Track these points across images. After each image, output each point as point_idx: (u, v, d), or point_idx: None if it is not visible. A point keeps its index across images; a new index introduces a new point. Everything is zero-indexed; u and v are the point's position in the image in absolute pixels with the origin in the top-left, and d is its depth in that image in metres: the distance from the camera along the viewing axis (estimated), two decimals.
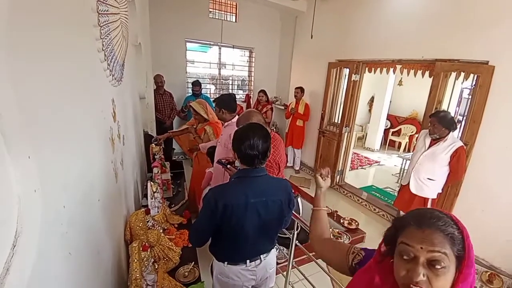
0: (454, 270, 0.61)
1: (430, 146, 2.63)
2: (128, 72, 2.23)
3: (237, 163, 1.33)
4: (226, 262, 1.32)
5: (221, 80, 5.80)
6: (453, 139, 2.51)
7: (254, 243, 1.30)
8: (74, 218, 0.96)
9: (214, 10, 4.98)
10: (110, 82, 1.59)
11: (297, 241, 2.08)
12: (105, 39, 1.42)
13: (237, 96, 5.43)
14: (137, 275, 1.38)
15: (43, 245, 0.67)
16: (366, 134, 7.05)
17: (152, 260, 1.63)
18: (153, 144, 3.05)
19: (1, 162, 0.49)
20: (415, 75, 3.36)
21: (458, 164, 2.49)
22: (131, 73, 2.46)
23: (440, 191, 2.68)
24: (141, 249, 1.52)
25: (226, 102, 2.30)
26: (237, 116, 2.35)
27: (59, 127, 0.86)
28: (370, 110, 7.21)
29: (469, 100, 2.86)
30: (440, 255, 0.59)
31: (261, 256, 1.39)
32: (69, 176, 0.93)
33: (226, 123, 2.34)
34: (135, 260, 1.43)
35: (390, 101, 6.68)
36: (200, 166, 3.14)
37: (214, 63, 5.49)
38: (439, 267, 0.59)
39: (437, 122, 2.50)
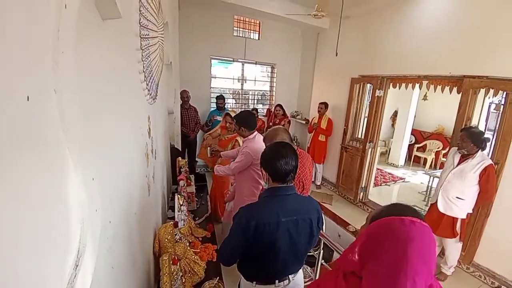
0: None
1: (459, 163, 2.54)
2: (161, 90, 2.36)
3: (265, 184, 1.34)
4: (255, 282, 1.33)
5: (243, 94, 5.93)
6: (482, 157, 2.42)
7: (284, 263, 1.29)
8: (117, 232, 1.01)
9: (238, 29, 5.17)
10: (147, 101, 1.70)
11: (322, 261, 2.05)
12: (145, 61, 1.53)
13: (258, 110, 5.53)
14: None
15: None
16: (390, 149, 6.85)
17: (181, 274, 1.66)
18: (179, 158, 3.15)
19: (69, 185, 0.53)
20: (442, 91, 3.28)
21: (488, 183, 2.39)
22: (163, 90, 2.59)
23: (470, 211, 2.55)
24: (171, 262, 1.55)
25: (246, 120, 2.35)
26: (255, 132, 2.42)
27: (111, 147, 0.94)
28: (393, 125, 7.03)
29: (497, 115, 2.75)
30: None
31: (290, 276, 1.38)
32: (115, 191, 1.00)
33: (244, 139, 2.40)
34: (166, 273, 1.47)
35: (415, 116, 6.50)
36: (216, 181, 3.22)
37: (236, 79, 5.64)
38: None
39: (466, 137, 2.44)
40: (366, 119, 4.24)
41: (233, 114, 2.93)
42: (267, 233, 1.18)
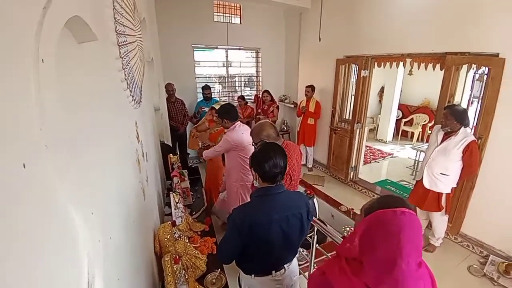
0: None
1: (442, 141, 2.63)
2: (144, 90, 2.32)
3: (255, 183, 1.39)
4: (253, 275, 1.41)
5: (229, 80, 5.86)
6: (465, 134, 2.50)
7: (278, 256, 1.38)
8: (119, 245, 1.05)
9: (218, 14, 5.01)
10: (132, 107, 1.68)
11: (317, 245, 2.16)
12: (126, 68, 1.50)
13: (245, 95, 5.50)
14: None
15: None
16: (378, 125, 6.98)
17: (183, 271, 1.74)
18: (171, 154, 3.16)
19: (70, 226, 0.56)
20: (426, 68, 3.33)
21: (471, 158, 2.50)
22: (146, 89, 2.55)
23: (455, 186, 2.68)
24: (173, 262, 1.62)
25: (227, 113, 2.57)
26: (237, 122, 2.60)
27: (104, 171, 0.95)
28: (380, 101, 7.13)
29: (481, 85, 2.82)
30: None
31: (285, 265, 1.47)
32: (112, 208, 1.03)
33: (227, 130, 2.60)
34: (169, 273, 1.54)
35: (401, 91, 6.59)
36: (213, 165, 3.31)
37: (220, 62, 5.52)
38: None
39: (450, 114, 2.51)
40: (353, 99, 4.28)
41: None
42: (261, 232, 1.25)
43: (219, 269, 2.06)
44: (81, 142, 0.73)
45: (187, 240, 2.13)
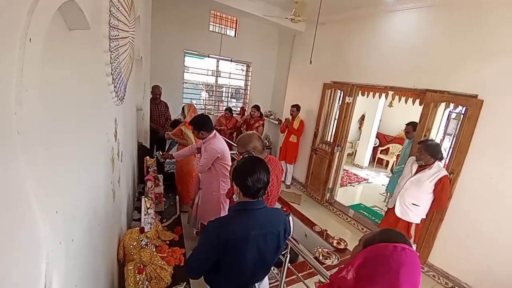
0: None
1: (416, 172, 2.74)
2: (129, 88, 2.25)
3: (235, 197, 1.35)
4: None
5: (217, 90, 5.86)
6: (438, 168, 2.62)
7: (251, 273, 1.32)
8: (80, 249, 0.97)
9: (214, 24, 5.06)
10: (115, 103, 1.61)
11: (289, 264, 2.13)
12: (114, 63, 1.45)
13: (231, 107, 5.50)
14: None
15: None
16: (356, 151, 7.22)
17: (147, 282, 1.63)
18: (148, 157, 3.04)
19: (31, 222, 0.50)
20: (406, 102, 3.51)
21: (442, 192, 2.60)
22: (131, 87, 2.47)
23: (424, 217, 2.77)
24: (136, 272, 1.52)
25: (203, 124, 2.54)
26: (214, 131, 2.60)
27: (75, 166, 0.89)
28: (360, 128, 7.41)
29: (457, 124, 2.99)
30: None
31: (256, 284, 1.42)
32: (78, 208, 0.95)
33: (204, 140, 2.57)
34: (131, 283, 1.44)
35: (380, 120, 6.90)
36: (179, 166, 3.45)
37: (210, 70, 5.52)
38: None
39: (424, 149, 2.62)
40: (335, 123, 4.41)
41: (185, 107, 3.34)
42: (237, 248, 1.20)
43: (185, 283, 1.96)
44: (55, 132, 0.68)
45: (154, 249, 2.02)
